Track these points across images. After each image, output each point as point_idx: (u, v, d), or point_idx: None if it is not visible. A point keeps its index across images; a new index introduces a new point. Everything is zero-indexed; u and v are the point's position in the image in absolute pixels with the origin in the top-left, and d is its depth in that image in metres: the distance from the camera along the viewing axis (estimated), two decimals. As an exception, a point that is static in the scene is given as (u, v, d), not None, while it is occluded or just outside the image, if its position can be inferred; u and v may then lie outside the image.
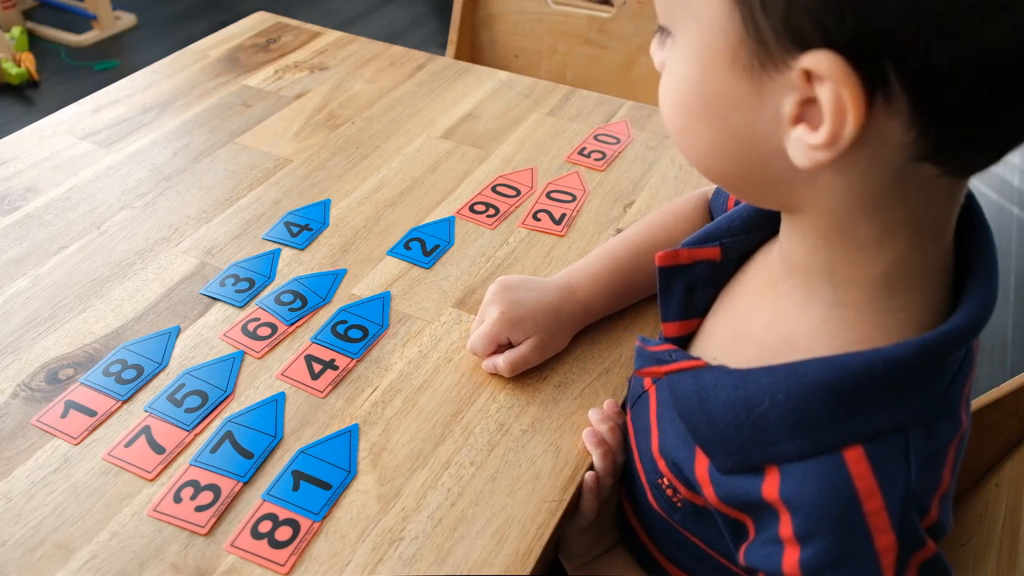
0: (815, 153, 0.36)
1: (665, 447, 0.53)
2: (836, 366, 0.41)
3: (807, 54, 0.34)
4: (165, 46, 2.58)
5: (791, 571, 0.42)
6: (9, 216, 0.82)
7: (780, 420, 0.42)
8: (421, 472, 0.59)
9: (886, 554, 0.40)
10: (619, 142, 0.96)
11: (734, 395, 0.44)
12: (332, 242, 0.80)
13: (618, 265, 0.70)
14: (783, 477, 0.43)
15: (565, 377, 0.67)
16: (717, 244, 0.53)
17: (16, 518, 0.55)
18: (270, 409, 0.63)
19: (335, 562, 0.54)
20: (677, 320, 0.55)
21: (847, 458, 0.40)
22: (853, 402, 0.41)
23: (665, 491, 0.53)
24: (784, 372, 0.42)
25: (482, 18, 1.42)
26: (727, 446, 0.45)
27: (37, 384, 0.65)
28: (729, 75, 0.38)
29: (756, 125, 0.38)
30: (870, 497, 0.40)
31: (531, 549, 0.55)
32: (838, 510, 0.41)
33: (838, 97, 0.34)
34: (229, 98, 1.03)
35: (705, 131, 0.41)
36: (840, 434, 0.41)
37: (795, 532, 0.42)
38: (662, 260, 0.53)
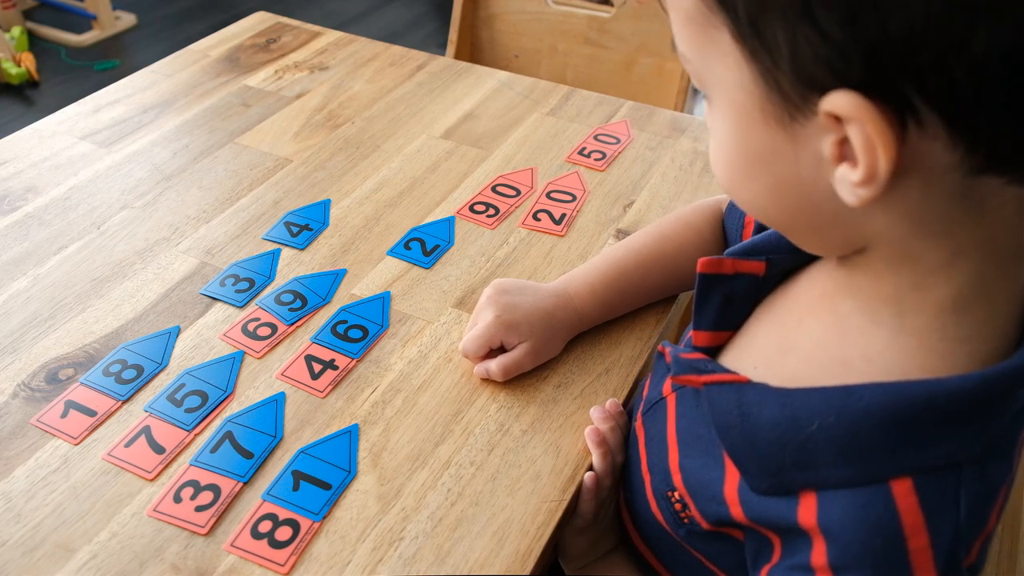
0: (860, 190, 0.35)
1: (686, 463, 0.51)
2: (894, 393, 0.39)
3: (826, 98, 0.34)
4: (165, 46, 2.58)
5: None
6: (9, 216, 0.82)
7: (828, 444, 0.41)
8: (421, 472, 0.59)
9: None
10: (619, 142, 0.96)
11: (779, 414, 0.43)
12: (332, 242, 0.80)
13: (619, 275, 0.70)
14: (821, 503, 0.41)
15: (565, 377, 0.67)
16: (763, 259, 0.51)
17: (16, 518, 0.55)
18: (270, 409, 0.63)
19: (335, 562, 0.54)
20: (710, 330, 0.53)
21: (895, 491, 0.39)
22: (908, 432, 0.39)
23: (673, 505, 0.52)
24: (838, 394, 0.41)
25: (482, 18, 1.42)
26: (766, 466, 0.44)
27: (37, 384, 0.65)
28: (764, 129, 0.38)
29: (800, 172, 0.38)
30: (916, 535, 0.38)
31: (531, 549, 0.55)
32: (880, 544, 0.39)
33: (865, 134, 0.33)
34: (229, 98, 1.03)
35: (755, 184, 0.41)
36: (890, 464, 0.39)
37: (830, 562, 0.40)
38: (704, 267, 0.52)
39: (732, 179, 0.42)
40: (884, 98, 0.33)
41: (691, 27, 0.39)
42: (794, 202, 0.40)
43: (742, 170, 0.41)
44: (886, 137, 0.33)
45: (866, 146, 0.34)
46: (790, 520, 0.42)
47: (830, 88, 0.34)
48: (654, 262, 0.71)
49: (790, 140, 0.37)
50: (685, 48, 0.40)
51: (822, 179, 0.37)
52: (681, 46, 0.41)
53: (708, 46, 0.38)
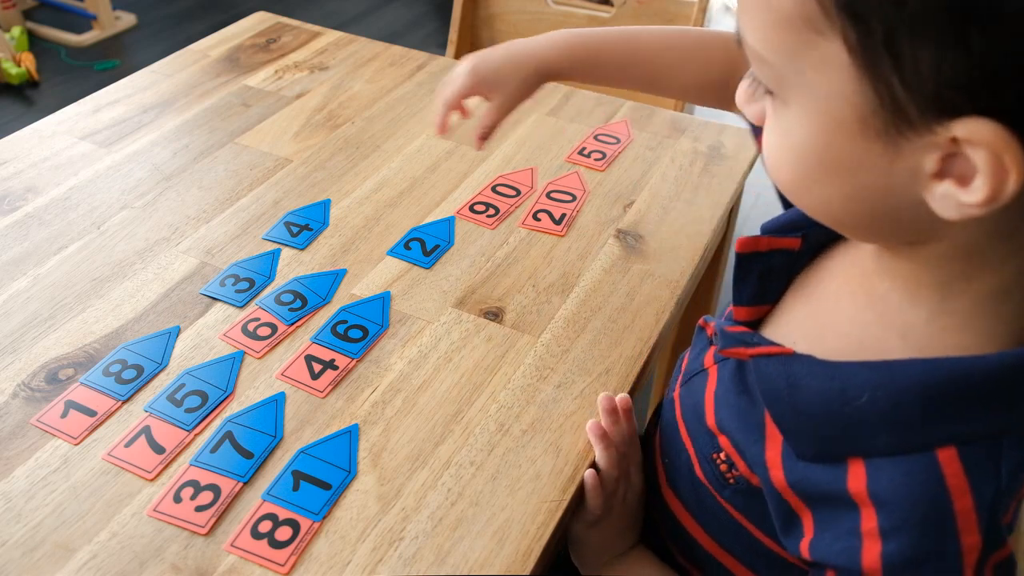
0: (970, 209, 0.35)
1: (726, 422, 0.52)
2: (938, 368, 0.41)
3: (958, 122, 0.34)
4: (165, 46, 2.58)
5: (871, 566, 0.42)
6: (9, 216, 0.82)
7: (877, 415, 0.42)
8: (421, 472, 0.59)
9: (970, 553, 0.40)
10: (619, 142, 0.96)
11: (828, 385, 0.44)
12: (332, 242, 0.80)
13: (603, 47, 0.71)
14: (870, 471, 0.43)
15: (565, 377, 0.67)
16: (800, 235, 0.52)
17: (16, 518, 0.55)
18: (270, 409, 0.63)
19: (335, 562, 0.54)
20: (750, 305, 0.55)
21: (940, 457, 0.41)
22: (951, 405, 0.41)
23: (719, 466, 0.53)
24: (885, 368, 0.42)
25: (482, 18, 1.42)
26: (813, 434, 0.45)
27: (37, 384, 0.65)
28: (858, 141, 0.37)
29: (890, 183, 0.38)
30: (961, 497, 0.40)
31: (531, 549, 0.55)
32: (927, 507, 0.41)
33: (998, 161, 0.33)
34: (229, 98, 1.03)
35: (827, 189, 0.41)
36: (936, 434, 0.41)
37: (880, 527, 0.42)
38: (742, 247, 0.53)
39: (798, 182, 0.42)
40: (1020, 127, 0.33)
41: (785, 29, 0.37)
42: (870, 209, 0.40)
43: (815, 175, 0.41)
44: (1021, 164, 0.33)
45: (995, 172, 0.34)
46: (838, 487, 0.44)
47: (963, 113, 0.33)
48: (645, 61, 0.71)
49: (888, 153, 0.37)
50: (766, 49, 0.39)
51: (911, 190, 0.37)
52: (759, 46, 0.39)
53: (804, 51, 0.37)
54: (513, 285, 0.76)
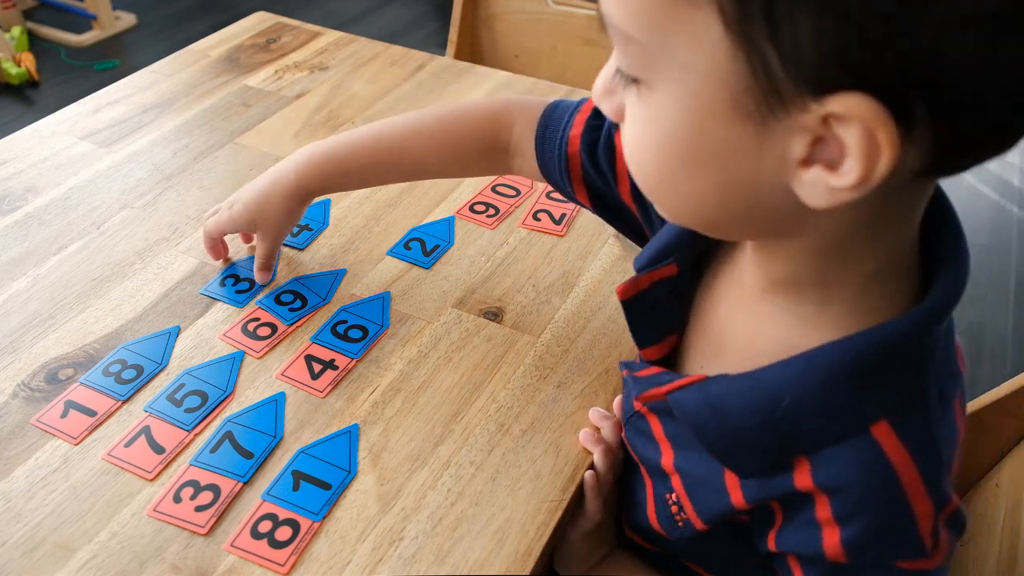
0: (840, 194, 0.34)
1: (682, 464, 0.52)
2: (851, 347, 0.41)
3: (833, 97, 0.32)
4: (165, 46, 2.58)
5: (834, 551, 0.43)
6: (9, 216, 0.82)
7: (805, 411, 0.42)
8: (421, 472, 0.59)
9: (924, 519, 0.41)
10: (619, 142, 0.96)
11: (751, 397, 0.44)
12: (332, 242, 0.80)
13: (346, 150, 0.70)
14: (814, 465, 0.43)
15: (565, 377, 0.67)
16: (672, 261, 0.51)
17: (16, 518, 0.55)
18: (270, 409, 0.63)
19: (335, 562, 0.54)
20: (655, 344, 0.54)
21: (876, 434, 0.41)
22: (872, 378, 0.41)
23: (670, 507, 0.53)
24: (799, 363, 0.42)
25: (482, 18, 1.42)
26: (749, 451, 0.45)
27: (37, 384, 0.65)
28: (729, 122, 0.36)
29: (759, 168, 0.36)
30: (906, 469, 0.41)
31: (531, 549, 0.55)
32: (876, 486, 0.41)
33: (870, 138, 0.32)
34: (229, 98, 1.03)
35: (696, 183, 0.39)
36: (865, 412, 0.42)
37: (835, 514, 0.43)
38: (624, 294, 0.53)
39: (666, 176, 0.40)
40: (897, 104, 0.32)
41: (653, 4, 0.35)
42: (740, 201, 0.38)
43: (684, 167, 0.38)
44: (894, 143, 0.32)
45: (867, 151, 0.33)
46: (788, 488, 0.44)
47: (840, 88, 0.32)
48: (393, 159, 0.69)
49: (757, 137, 0.35)
50: (633, 26, 0.36)
51: (779, 178, 0.36)
52: (625, 23, 0.36)
53: (675, 26, 0.35)
54: (513, 285, 0.76)
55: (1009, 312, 1.87)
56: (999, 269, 1.98)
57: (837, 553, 0.43)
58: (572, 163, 0.61)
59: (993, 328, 1.82)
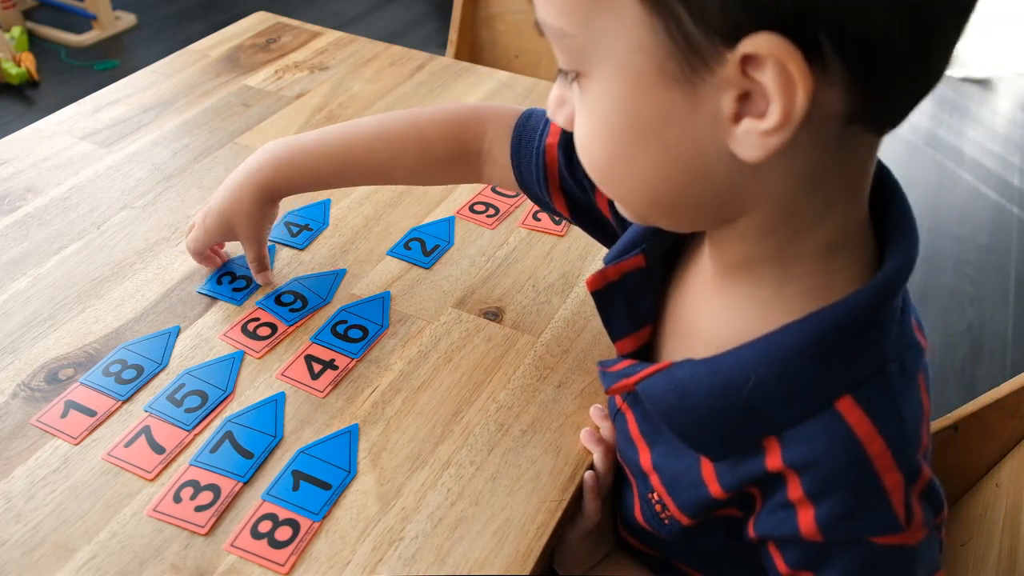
0: (769, 140, 0.36)
1: (658, 460, 0.53)
2: (809, 327, 0.42)
3: (745, 40, 0.34)
4: (165, 46, 2.58)
5: (808, 530, 0.43)
6: (9, 216, 0.82)
7: (769, 392, 0.43)
8: (421, 472, 0.59)
9: (895, 492, 0.42)
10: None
11: (713, 381, 0.44)
12: (332, 242, 0.80)
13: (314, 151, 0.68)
14: (784, 445, 0.43)
15: (565, 377, 0.67)
16: (639, 252, 0.52)
17: (16, 518, 0.55)
18: (270, 409, 0.63)
19: (335, 562, 0.54)
20: (627, 335, 0.55)
21: (841, 409, 0.42)
22: (832, 355, 0.42)
23: (654, 507, 0.53)
24: (760, 345, 0.43)
25: (482, 18, 1.42)
26: (717, 434, 0.46)
27: (37, 384, 0.65)
28: (660, 92, 0.37)
29: (695, 134, 0.38)
30: (872, 441, 0.41)
31: (531, 549, 0.55)
32: (844, 462, 0.42)
33: (784, 74, 0.34)
34: (229, 98, 1.03)
35: (642, 159, 0.40)
36: (828, 389, 0.42)
37: (806, 492, 0.43)
38: (593, 285, 0.53)
39: (613, 159, 0.41)
40: (801, 41, 0.33)
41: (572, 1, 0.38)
42: (684, 172, 0.40)
43: (630, 145, 0.40)
44: (806, 75, 0.34)
45: (784, 87, 0.34)
46: (760, 471, 0.44)
47: (749, 32, 0.33)
48: (361, 162, 0.68)
49: (688, 100, 0.37)
50: (562, 20, 0.38)
51: (717, 141, 0.37)
52: (554, 19, 0.39)
53: (598, 12, 0.37)
54: (513, 285, 0.76)
55: (1009, 312, 1.87)
56: (999, 269, 1.98)
57: (812, 531, 0.43)
58: (550, 171, 0.61)
59: (993, 328, 1.82)
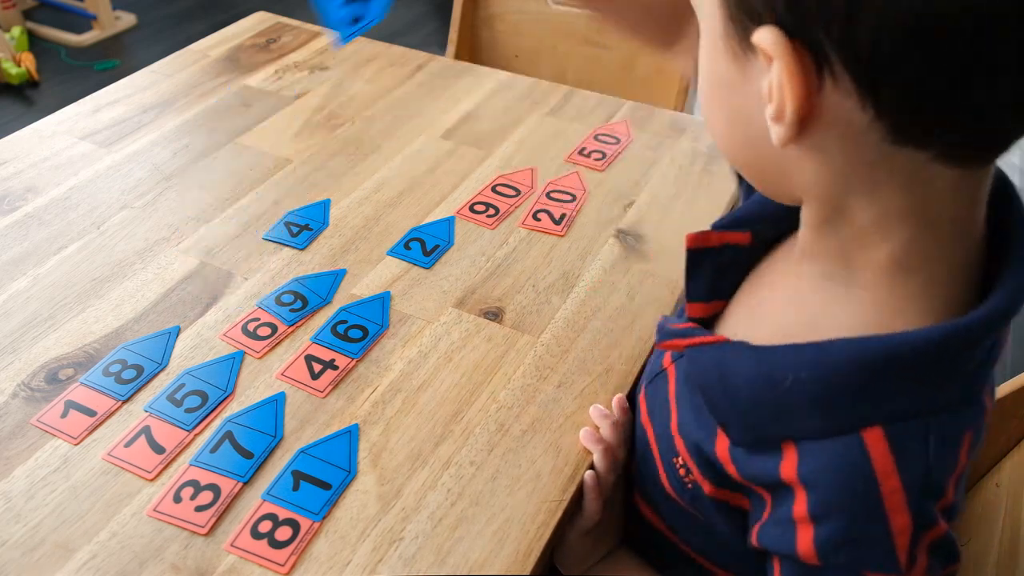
0: (776, 128, 0.37)
1: (684, 426, 0.53)
2: (864, 348, 0.41)
3: (757, 30, 0.35)
4: (165, 46, 2.58)
5: (806, 551, 0.42)
6: (9, 216, 0.82)
7: (802, 397, 0.42)
8: (421, 472, 0.59)
9: (901, 535, 0.40)
10: (619, 142, 0.96)
11: (756, 371, 0.45)
12: (332, 242, 0.80)
13: None
14: (801, 455, 0.43)
15: (565, 377, 0.67)
16: (748, 230, 0.53)
17: (16, 518, 0.55)
18: (270, 409, 0.63)
19: (335, 562, 0.54)
20: (702, 301, 0.55)
21: (866, 439, 0.41)
22: (878, 384, 0.41)
23: (678, 471, 0.53)
24: (810, 351, 0.43)
25: (482, 18, 1.42)
26: (745, 420, 0.46)
27: (37, 384, 0.65)
28: (723, 59, 0.40)
29: (747, 105, 0.40)
30: (888, 478, 0.40)
31: (531, 549, 0.55)
32: (855, 490, 0.41)
33: (779, 72, 0.35)
34: (229, 98, 1.03)
35: (717, 113, 0.43)
36: (861, 415, 0.41)
37: (810, 511, 0.42)
38: (692, 242, 0.53)
39: (705, 106, 0.44)
40: (802, 42, 0.34)
41: None
42: (742, 137, 0.42)
43: (708, 98, 0.43)
44: (794, 77, 0.35)
45: (777, 84, 0.36)
46: (774, 475, 0.44)
47: (761, 21, 0.35)
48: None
49: (740, 72, 0.39)
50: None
51: (762, 116, 0.39)
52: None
53: None
54: (513, 285, 0.76)
55: (1009, 312, 1.86)
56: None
57: (809, 553, 0.42)
58: None
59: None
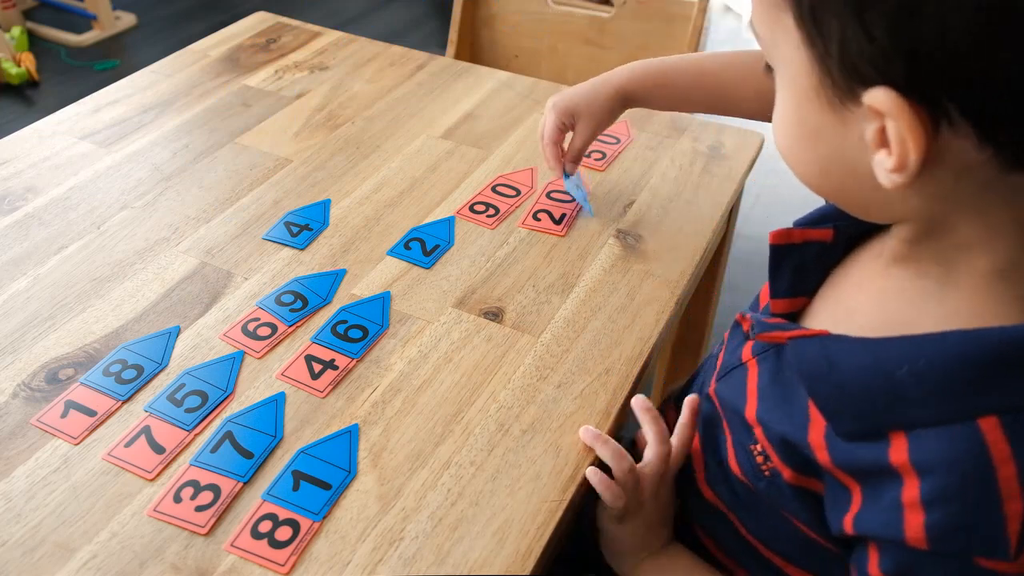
0: (892, 177, 0.39)
1: (765, 414, 0.53)
2: (981, 339, 0.42)
3: (868, 92, 0.38)
4: (165, 46, 2.58)
5: (916, 535, 0.43)
6: (9, 216, 0.82)
7: (917, 386, 0.43)
8: (421, 472, 0.59)
9: (1013, 520, 0.41)
10: (619, 142, 0.96)
11: (866, 361, 0.46)
12: (332, 242, 0.80)
13: (667, 73, 0.80)
14: (912, 442, 0.43)
15: (565, 377, 0.67)
16: (831, 226, 0.54)
17: (16, 518, 0.55)
18: (270, 409, 0.63)
19: (335, 562, 0.54)
20: (786, 297, 0.56)
21: (983, 426, 0.41)
22: (994, 375, 0.42)
23: (756, 458, 0.54)
24: (923, 340, 0.44)
25: (482, 18, 1.42)
26: (854, 410, 0.46)
27: (37, 384, 0.65)
28: (817, 108, 0.42)
29: (846, 151, 0.42)
30: (1004, 464, 0.41)
31: (531, 549, 0.55)
32: (970, 475, 0.41)
33: (899, 129, 0.37)
34: (229, 98, 1.03)
35: (806, 155, 0.45)
36: (977, 404, 0.42)
37: (922, 497, 0.43)
38: (775, 239, 0.56)
39: (788, 148, 0.46)
40: (919, 99, 0.37)
41: (764, 6, 0.43)
42: (838, 178, 0.44)
43: (796, 141, 0.45)
44: (917, 134, 0.37)
45: (899, 139, 0.38)
46: (881, 461, 0.44)
47: (872, 83, 0.37)
48: (709, 83, 0.79)
49: (839, 122, 0.41)
50: (758, 25, 0.45)
51: (864, 159, 0.41)
52: (755, 22, 0.45)
53: (776, 25, 0.42)
54: (513, 285, 0.76)
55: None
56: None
57: (919, 537, 0.42)
58: None
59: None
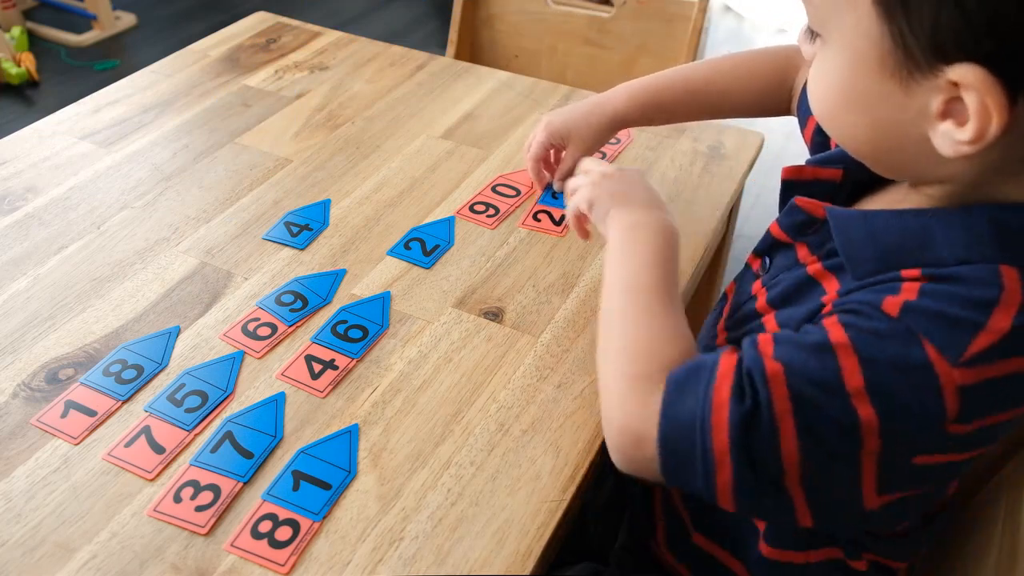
0: (961, 147, 0.42)
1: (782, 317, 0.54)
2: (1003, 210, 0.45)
3: (953, 67, 0.40)
4: (165, 46, 2.58)
5: (891, 306, 0.45)
6: (9, 216, 0.82)
7: (945, 230, 0.46)
8: (421, 472, 0.59)
9: (990, 334, 0.43)
10: (619, 142, 0.96)
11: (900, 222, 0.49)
12: (332, 242, 0.80)
13: (661, 88, 0.81)
14: (926, 269, 0.46)
15: (565, 377, 0.67)
16: (841, 167, 0.57)
17: (16, 518, 0.55)
18: (270, 409, 0.63)
19: (335, 562, 0.54)
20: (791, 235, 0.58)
21: (1003, 270, 0.44)
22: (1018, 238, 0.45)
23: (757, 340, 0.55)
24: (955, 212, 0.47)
25: (482, 18, 1.42)
26: (877, 248, 0.49)
27: (37, 384, 0.65)
28: (878, 77, 0.44)
29: (902, 118, 0.44)
30: (1010, 304, 0.43)
31: (531, 549, 0.55)
32: (979, 294, 0.44)
33: (983, 103, 0.40)
34: (229, 98, 1.03)
35: (853, 119, 0.48)
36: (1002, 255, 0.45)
37: (918, 292, 0.45)
38: (787, 174, 0.59)
39: (832, 112, 0.49)
40: (1004, 74, 0.39)
41: None
42: (887, 142, 0.47)
43: (844, 106, 0.48)
44: (1002, 107, 0.40)
45: (981, 113, 0.40)
46: (875, 302, 0.46)
47: (958, 60, 0.40)
48: (700, 93, 0.81)
49: (901, 91, 0.44)
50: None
51: (920, 127, 0.44)
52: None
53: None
54: (513, 285, 0.76)
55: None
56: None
57: (895, 306, 0.45)
58: None
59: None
